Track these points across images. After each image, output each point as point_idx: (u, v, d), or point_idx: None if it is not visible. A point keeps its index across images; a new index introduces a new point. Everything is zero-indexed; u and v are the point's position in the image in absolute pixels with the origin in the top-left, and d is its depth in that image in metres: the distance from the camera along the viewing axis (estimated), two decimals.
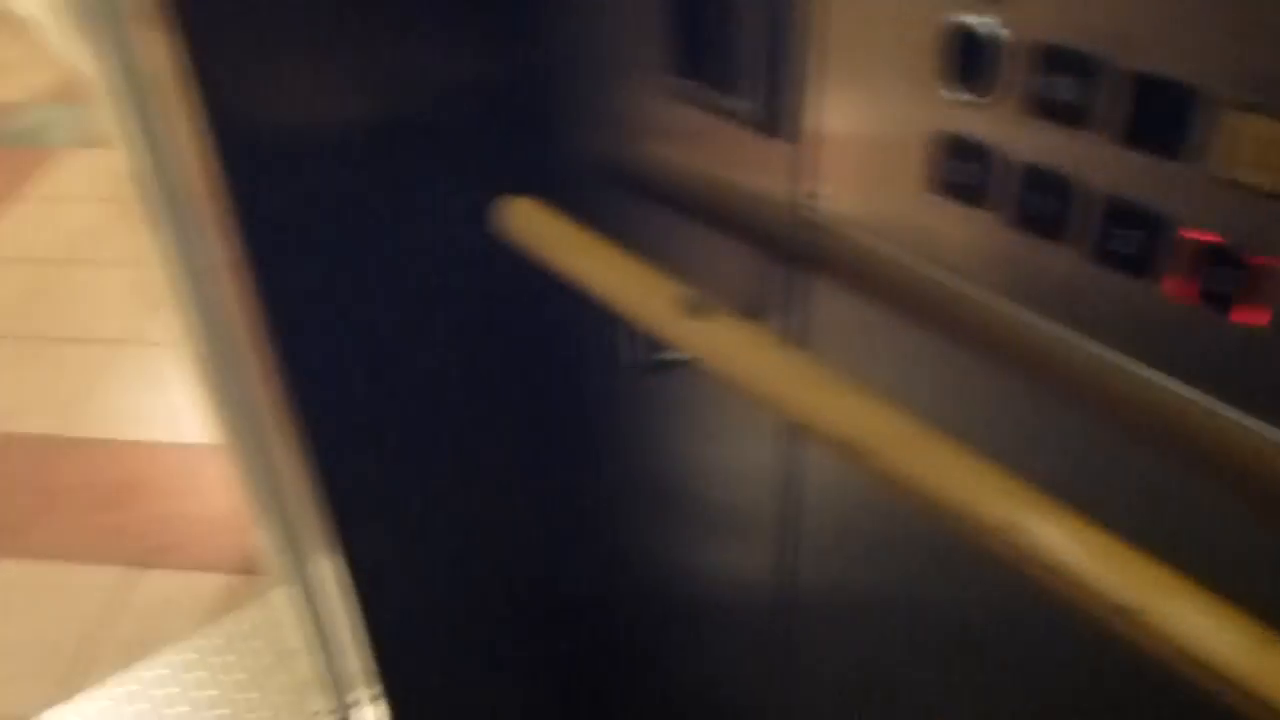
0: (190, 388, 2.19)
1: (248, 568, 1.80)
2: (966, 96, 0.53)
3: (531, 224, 0.85)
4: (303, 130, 0.86)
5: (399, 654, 1.20)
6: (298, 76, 0.84)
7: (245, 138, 0.84)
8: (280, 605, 1.58)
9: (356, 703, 1.44)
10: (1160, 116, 0.45)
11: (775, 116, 0.64)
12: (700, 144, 0.73)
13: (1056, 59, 0.48)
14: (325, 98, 0.86)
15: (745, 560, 0.98)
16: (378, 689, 1.24)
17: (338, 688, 1.47)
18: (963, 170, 0.54)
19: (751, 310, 0.75)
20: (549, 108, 0.88)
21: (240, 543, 1.84)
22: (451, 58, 0.86)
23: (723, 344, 0.67)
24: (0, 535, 1.90)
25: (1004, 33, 0.50)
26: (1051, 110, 0.49)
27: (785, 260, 0.70)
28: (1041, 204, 0.52)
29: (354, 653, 1.29)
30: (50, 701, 1.61)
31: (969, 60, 0.51)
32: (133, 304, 2.46)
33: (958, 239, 0.57)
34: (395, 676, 1.22)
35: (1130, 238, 0.49)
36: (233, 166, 0.85)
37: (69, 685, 1.65)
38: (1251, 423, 0.48)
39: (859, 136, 0.60)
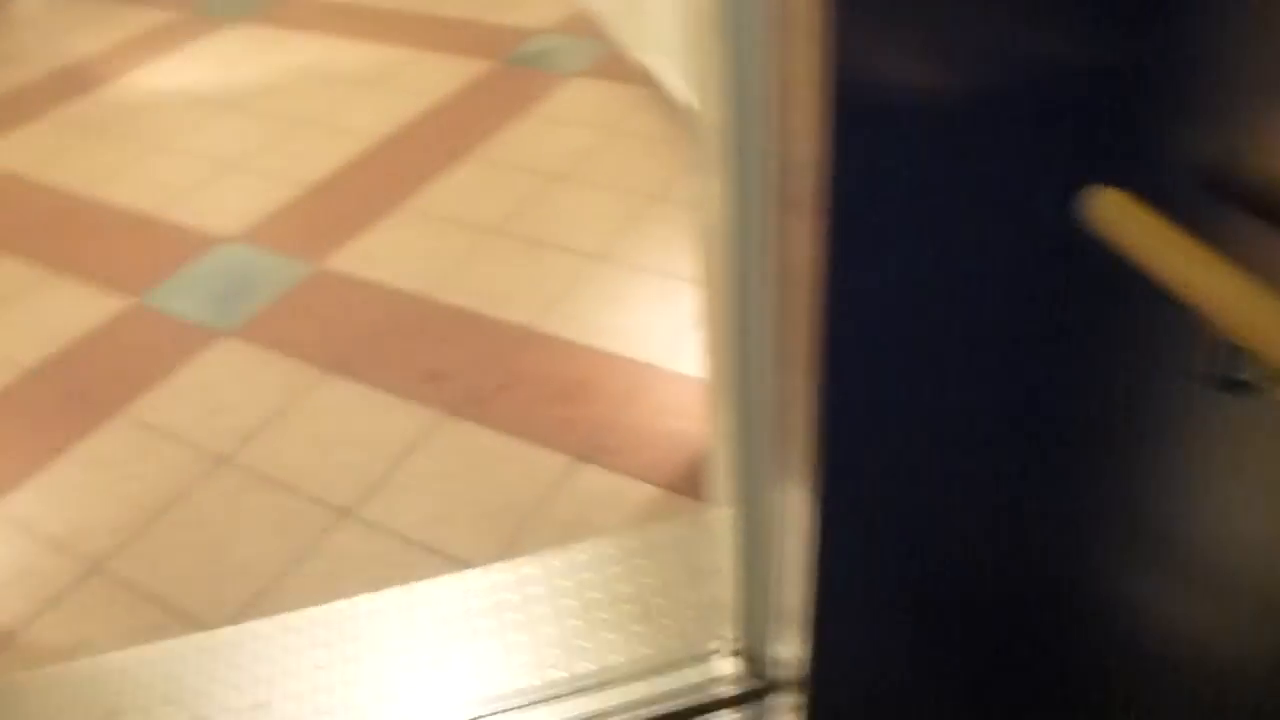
0: (659, 309, 2.34)
1: (675, 485, 1.92)
2: None
3: (1124, 218, 0.83)
4: (906, 91, 0.88)
5: (835, 606, 1.23)
6: (915, 37, 0.87)
7: (854, 93, 0.88)
8: (715, 527, 1.68)
9: (772, 639, 1.50)
10: None
11: None
12: None
13: None
14: (935, 63, 0.88)
15: (1239, 632, 0.91)
16: (800, 633, 1.28)
17: (751, 619, 1.54)
18: None
19: None
20: (1160, 101, 0.86)
21: (672, 460, 1.96)
22: (1068, 36, 0.85)
23: None
24: (471, 404, 2.14)
25: None
26: None
27: None
28: None
29: (786, 592, 1.34)
30: (493, 557, 1.81)
31: None
32: (611, 224, 2.67)
33: None
34: (825, 627, 1.25)
35: None
36: (836, 118, 0.89)
37: (510, 547, 1.84)
38: None
39: None
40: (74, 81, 3.87)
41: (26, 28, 4.52)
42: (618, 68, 3.52)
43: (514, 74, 3.58)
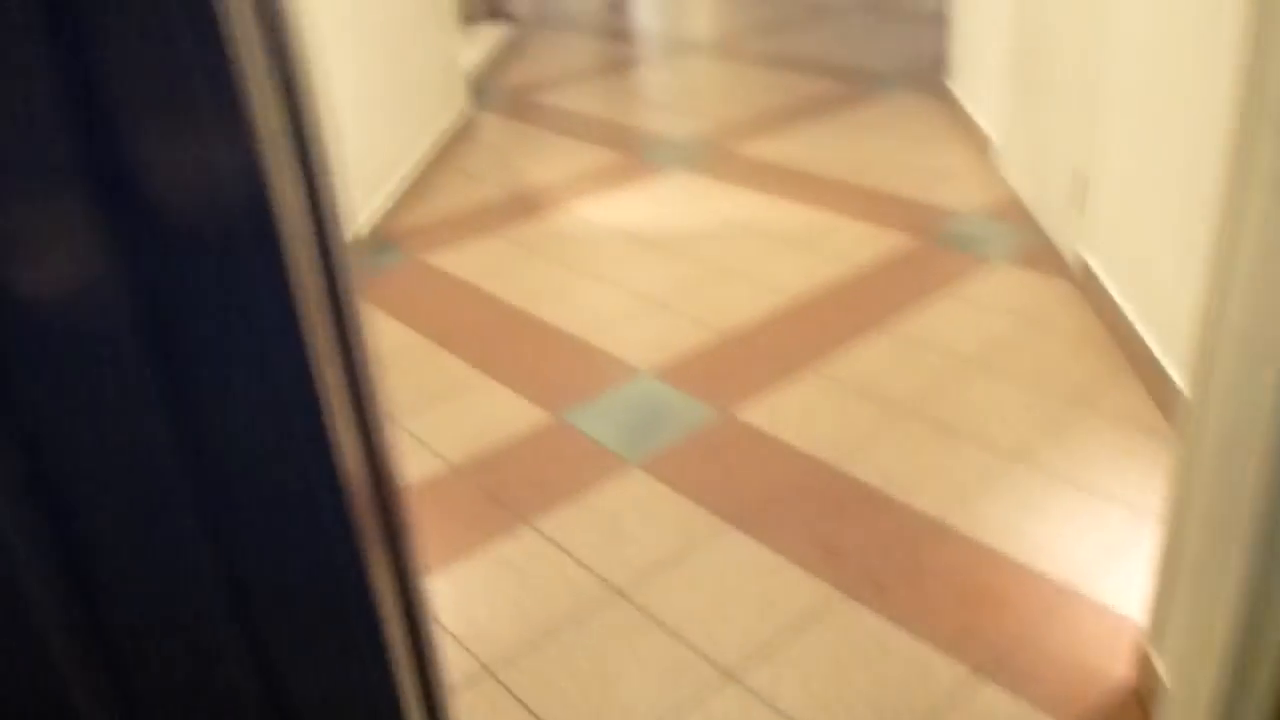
0: (1081, 527, 2.16)
1: None
2: None
3: None
4: None
5: None
6: None
7: None
8: None
9: None
10: None
11: None
12: None
13: None
14: None
15: None
16: None
17: None
18: None
19: None
20: None
21: (1087, 699, 1.76)
22: None
23: None
24: (868, 587, 2.06)
25: None
26: None
27: None
28: None
29: None
30: None
31: None
32: (1029, 424, 2.52)
33: None
34: None
35: None
36: None
37: None
38: None
39: None
40: (525, 204, 4.27)
41: (489, 151, 5.07)
42: (1045, 258, 3.40)
43: (936, 252, 3.55)
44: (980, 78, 4.57)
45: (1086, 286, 3.13)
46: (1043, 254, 3.44)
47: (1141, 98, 2.66)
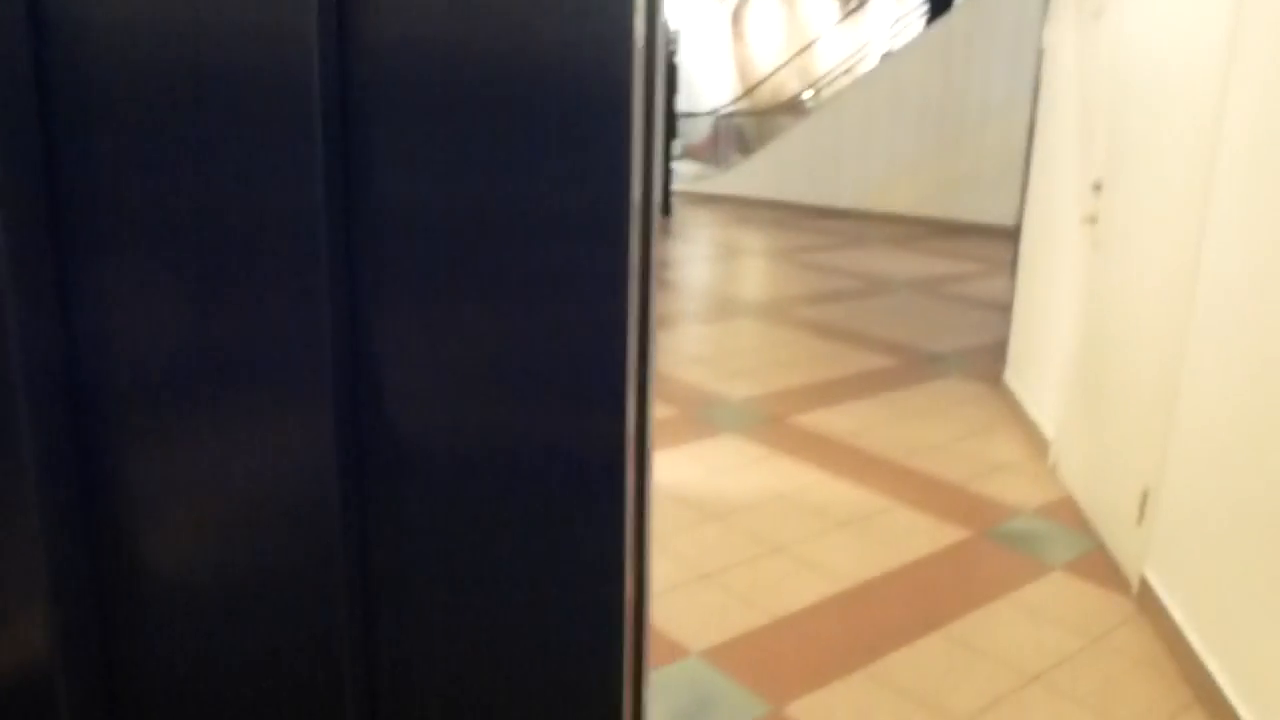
0: None
1: None
2: None
3: None
4: None
5: None
6: None
7: None
8: None
9: None
10: None
11: None
12: None
13: None
14: None
15: None
16: None
17: None
18: None
19: None
20: None
21: None
22: None
23: None
24: None
25: None
26: None
27: None
28: None
29: None
30: None
31: None
32: None
33: None
34: None
35: None
36: None
37: None
38: None
39: None
40: None
41: None
42: (1103, 569, 3.33)
43: (991, 550, 3.49)
44: (1038, 373, 4.64)
45: (1145, 604, 3.04)
46: (1100, 563, 3.38)
47: (1224, 417, 2.65)
